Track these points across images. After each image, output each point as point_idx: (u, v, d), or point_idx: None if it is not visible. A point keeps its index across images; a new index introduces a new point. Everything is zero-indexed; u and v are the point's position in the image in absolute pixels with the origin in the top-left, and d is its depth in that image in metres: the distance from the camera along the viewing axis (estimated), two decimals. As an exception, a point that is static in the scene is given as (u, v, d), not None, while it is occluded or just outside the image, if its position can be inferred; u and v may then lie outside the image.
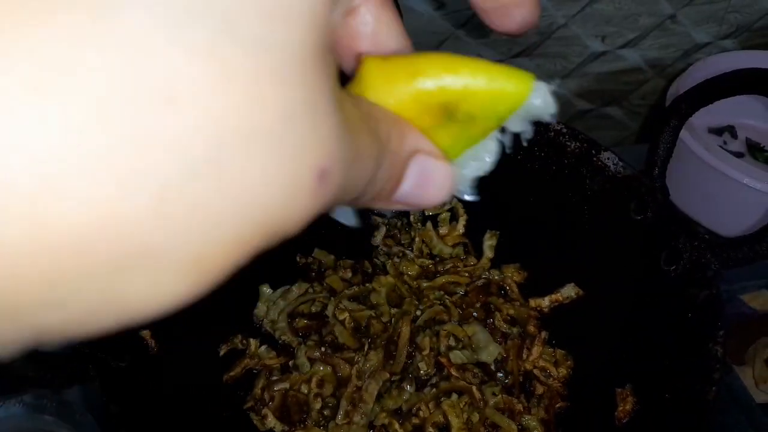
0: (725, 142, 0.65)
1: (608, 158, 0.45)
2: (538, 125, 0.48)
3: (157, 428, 0.36)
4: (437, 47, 0.77)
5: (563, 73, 0.82)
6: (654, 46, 0.80)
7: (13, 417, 0.44)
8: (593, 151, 0.46)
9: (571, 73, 0.82)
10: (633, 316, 0.41)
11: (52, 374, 0.30)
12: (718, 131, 0.66)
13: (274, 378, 0.44)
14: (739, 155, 0.62)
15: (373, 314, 0.46)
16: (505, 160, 0.50)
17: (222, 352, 0.45)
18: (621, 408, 0.37)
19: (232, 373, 0.44)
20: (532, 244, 0.50)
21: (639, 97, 0.86)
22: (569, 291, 0.47)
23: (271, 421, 0.42)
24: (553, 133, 0.48)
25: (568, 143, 0.47)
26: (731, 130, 0.66)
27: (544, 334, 0.45)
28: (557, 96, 0.17)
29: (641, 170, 0.43)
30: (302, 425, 0.41)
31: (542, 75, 0.65)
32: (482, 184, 0.52)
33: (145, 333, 0.39)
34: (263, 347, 0.46)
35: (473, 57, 0.16)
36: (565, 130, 0.47)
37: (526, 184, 0.49)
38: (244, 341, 0.46)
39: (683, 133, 0.43)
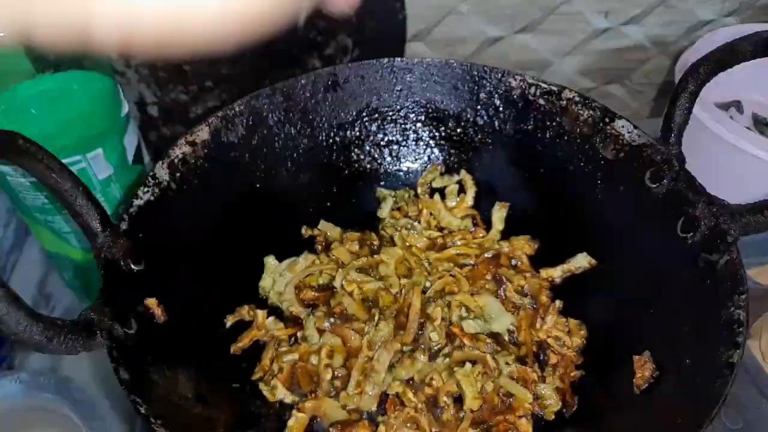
0: (731, 117, 0.64)
1: (623, 126, 0.44)
2: (549, 94, 0.47)
3: (165, 397, 0.34)
4: (439, 23, 0.75)
5: (565, 50, 0.81)
6: (657, 23, 0.79)
7: (10, 395, 0.43)
8: (607, 119, 0.45)
9: (573, 51, 0.81)
10: (649, 284, 0.41)
11: (59, 338, 0.29)
12: (724, 106, 0.65)
13: (283, 349, 0.43)
14: (745, 130, 0.62)
15: (382, 286, 0.45)
16: (516, 130, 0.49)
17: (229, 324, 0.44)
18: (639, 375, 0.37)
19: (239, 345, 0.43)
20: (543, 215, 0.49)
21: (642, 75, 0.85)
22: (581, 261, 0.46)
23: (281, 391, 0.41)
24: (565, 102, 0.47)
25: (581, 111, 0.46)
26: (738, 105, 0.65)
27: (558, 303, 0.44)
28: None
29: (656, 138, 0.43)
30: (313, 395, 0.41)
31: (545, 52, 0.64)
32: (494, 154, 0.51)
33: (152, 301, 0.38)
34: (270, 318, 0.45)
35: None
36: (578, 98, 0.46)
37: (538, 154, 0.49)
38: (251, 312, 0.45)
39: (695, 107, 0.43)
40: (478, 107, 0.50)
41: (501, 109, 0.50)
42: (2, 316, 0.27)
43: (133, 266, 0.38)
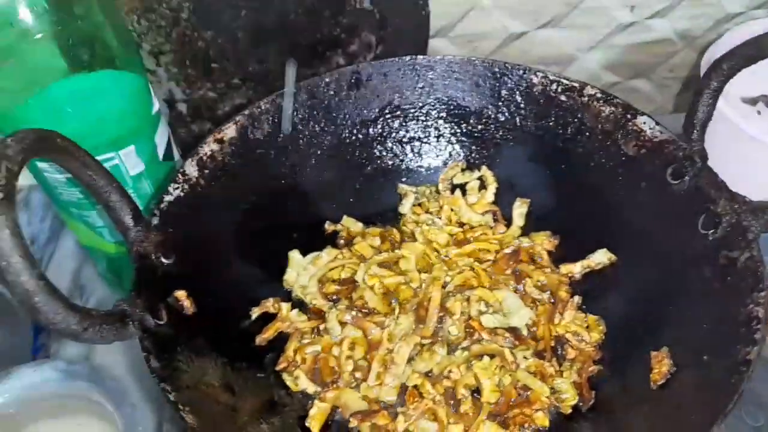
0: (759, 112, 0.63)
1: (644, 122, 0.45)
2: (571, 90, 0.47)
3: (192, 386, 0.36)
4: (461, 18, 0.76)
5: (590, 44, 0.80)
6: (684, 17, 0.78)
7: (48, 382, 0.46)
8: (629, 116, 0.45)
9: (598, 45, 0.81)
10: (669, 281, 0.41)
11: (94, 328, 0.31)
12: (752, 101, 0.64)
13: (306, 341, 0.44)
14: (773, 125, 0.61)
15: (403, 280, 0.46)
16: (538, 126, 0.50)
17: (254, 316, 0.46)
18: (656, 370, 0.37)
19: (264, 336, 0.45)
20: (563, 211, 0.50)
21: (668, 69, 0.84)
22: (601, 257, 0.46)
23: (304, 381, 0.42)
24: (587, 98, 0.47)
25: (603, 108, 0.46)
26: (766, 100, 0.64)
27: (576, 298, 0.45)
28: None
29: (678, 134, 0.43)
30: (334, 386, 0.42)
31: (568, 47, 0.64)
32: (515, 151, 0.51)
33: (181, 294, 0.39)
34: (294, 311, 0.46)
35: None
36: (599, 95, 0.46)
37: (559, 150, 0.49)
38: (276, 305, 0.46)
39: (719, 102, 0.42)
40: (500, 104, 0.51)
41: (522, 105, 0.50)
42: (41, 306, 0.28)
43: (163, 260, 0.39)
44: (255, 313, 0.46)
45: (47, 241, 0.66)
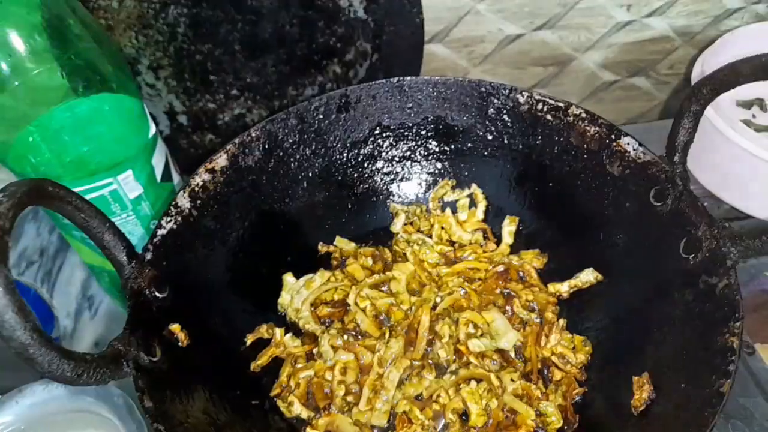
0: (754, 116, 0.63)
1: (628, 143, 0.45)
2: (557, 110, 0.48)
3: (190, 416, 0.37)
4: (457, 23, 0.75)
5: (587, 44, 0.80)
6: (682, 14, 0.77)
7: (56, 398, 0.47)
8: (613, 136, 0.45)
9: (595, 45, 0.80)
10: (652, 303, 0.41)
11: (89, 373, 0.32)
12: (746, 104, 0.64)
13: (299, 366, 0.45)
14: (769, 129, 0.61)
15: (394, 302, 0.47)
16: (525, 144, 0.50)
17: (249, 342, 0.47)
18: (637, 396, 0.38)
19: (259, 362, 0.46)
20: (551, 229, 0.50)
21: (667, 66, 0.84)
22: (588, 276, 0.47)
23: (298, 407, 0.43)
24: (572, 117, 0.47)
25: (588, 128, 0.47)
26: (761, 103, 0.64)
27: (562, 322, 0.45)
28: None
29: (661, 156, 0.43)
30: (327, 412, 0.43)
31: (566, 47, 0.64)
32: (503, 169, 0.52)
33: (175, 327, 0.41)
34: (288, 336, 0.47)
35: None
36: (584, 115, 0.47)
37: (545, 169, 0.49)
38: (270, 330, 0.47)
39: (708, 109, 0.42)
40: (487, 123, 0.51)
41: (509, 124, 0.50)
42: (36, 358, 0.30)
43: (157, 294, 0.40)
44: (249, 339, 0.47)
45: (56, 252, 0.68)
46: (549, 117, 0.48)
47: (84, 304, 0.63)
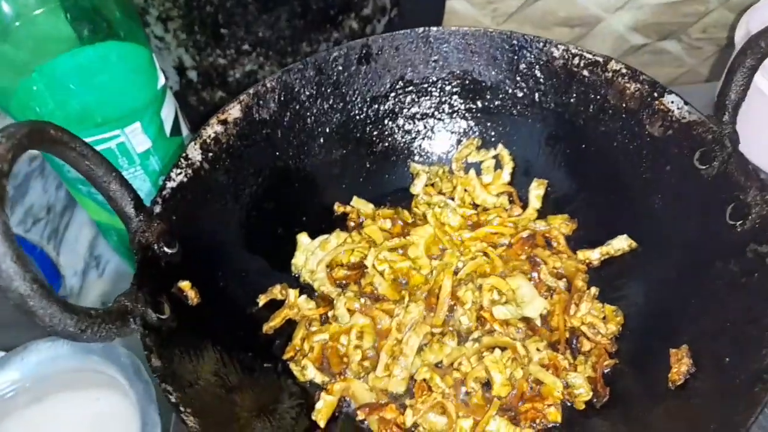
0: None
1: (672, 101, 0.42)
2: (594, 65, 0.44)
3: (200, 378, 0.36)
4: (482, -22, 0.72)
5: (617, 5, 0.76)
6: (721, -27, 0.73)
7: (62, 357, 0.46)
8: (656, 94, 0.42)
9: (626, 5, 0.76)
10: (692, 273, 0.39)
11: (93, 329, 0.30)
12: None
13: (314, 329, 0.43)
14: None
15: (413, 266, 0.45)
16: (557, 103, 0.47)
17: (261, 303, 0.45)
18: (675, 370, 0.36)
19: (271, 324, 0.44)
20: (582, 194, 0.47)
21: (700, 30, 0.80)
22: (621, 243, 0.44)
23: (312, 372, 0.41)
24: (611, 74, 0.44)
25: (628, 84, 0.43)
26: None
27: (594, 290, 0.43)
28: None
29: (708, 115, 0.40)
30: (342, 377, 0.41)
31: (595, 7, 0.60)
32: (533, 129, 0.49)
33: (185, 284, 0.38)
34: (302, 297, 0.45)
35: None
36: (624, 71, 0.43)
37: (579, 129, 0.46)
38: (284, 291, 0.45)
39: (756, 74, 0.39)
40: (518, 78, 0.48)
41: (542, 80, 0.47)
42: (37, 310, 0.28)
43: (166, 249, 0.38)
44: (262, 300, 0.45)
45: (63, 209, 0.66)
46: (585, 73, 0.45)
47: (91, 263, 0.62)
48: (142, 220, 0.37)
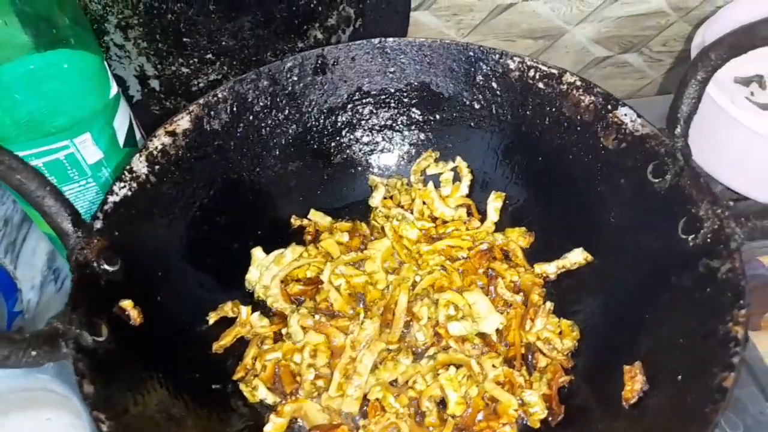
0: (753, 93, 0.60)
1: (625, 114, 0.41)
2: (550, 77, 0.44)
3: (138, 404, 0.34)
4: (445, -11, 0.71)
5: (580, 17, 0.76)
6: (679, -13, 0.74)
7: (12, 376, 0.44)
8: (609, 107, 0.42)
9: (589, 18, 0.77)
10: (646, 287, 0.39)
11: (18, 355, 0.28)
12: (745, 81, 0.61)
13: (266, 347, 0.42)
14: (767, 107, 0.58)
15: (370, 281, 0.44)
16: (513, 115, 0.47)
17: (211, 321, 0.44)
18: (629, 387, 0.35)
19: (222, 343, 0.42)
20: (539, 207, 0.47)
21: (660, 43, 0.81)
22: (577, 256, 0.44)
23: (263, 392, 0.40)
24: (565, 86, 0.44)
25: (582, 97, 0.43)
26: (760, 80, 0.61)
27: (549, 305, 0.42)
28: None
29: (661, 128, 0.40)
30: (294, 397, 0.40)
31: (558, 19, 0.60)
32: (490, 141, 0.49)
33: (127, 303, 0.37)
34: (255, 315, 0.44)
35: None
36: (579, 83, 0.43)
37: (535, 141, 0.46)
38: (235, 309, 0.44)
39: (709, 84, 0.39)
40: (475, 90, 0.48)
41: (498, 92, 0.47)
42: (-45, 335, 0.26)
43: (107, 267, 0.36)
44: (212, 317, 0.43)
45: (21, 222, 0.64)
46: (541, 85, 0.45)
47: (49, 277, 0.59)
48: (80, 237, 0.35)
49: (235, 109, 0.45)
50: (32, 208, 0.35)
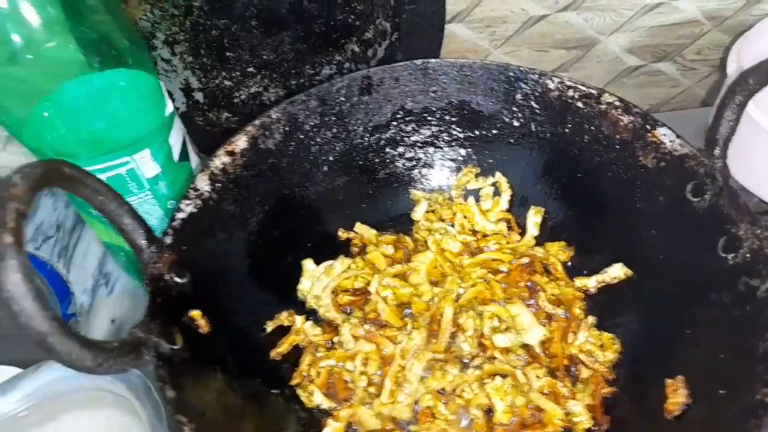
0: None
1: (664, 134, 0.43)
2: (588, 97, 0.46)
3: (211, 408, 0.37)
4: (479, 3, 0.73)
5: (613, 27, 0.77)
6: (713, -3, 0.75)
7: (75, 376, 0.47)
8: (648, 126, 0.44)
9: (622, 27, 0.78)
10: (686, 303, 0.40)
11: (109, 362, 0.31)
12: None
13: (320, 355, 0.45)
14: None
15: (415, 292, 0.46)
16: (553, 133, 0.48)
17: (269, 329, 0.46)
18: (672, 400, 0.37)
19: (279, 350, 0.45)
20: (577, 222, 0.49)
21: (694, 52, 0.81)
22: (617, 271, 0.45)
23: (319, 397, 0.43)
24: (604, 106, 0.45)
25: (621, 116, 0.45)
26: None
27: (591, 319, 0.44)
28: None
29: (700, 149, 0.41)
30: (348, 403, 0.42)
31: (591, 30, 0.61)
32: (529, 157, 0.50)
33: (196, 313, 0.39)
34: (308, 323, 0.46)
35: None
36: (618, 103, 0.45)
37: (574, 159, 0.48)
38: (290, 318, 0.46)
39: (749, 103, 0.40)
40: (514, 109, 0.49)
41: (538, 111, 0.49)
42: (56, 347, 0.29)
43: (177, 279, 0.39)
44: (270, 326, 0.46)
45: (73, 227, 0.66)
46: (580, 104, 0.46)
47: (101, 281, 0.62)
48: (153, 252, 0.38)
49: (287, 128, 0.48)
50: (111, 225, 0.38)
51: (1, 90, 0.41)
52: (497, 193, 0.52)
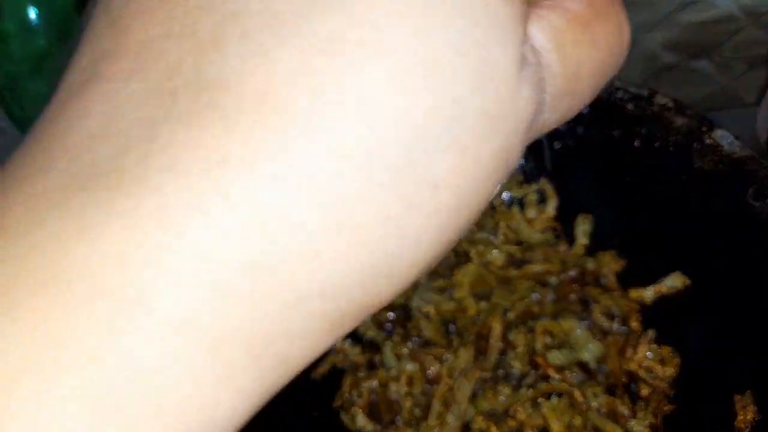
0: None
1: (721, 136, 0.41)
2: (639, 99, 0.43)
3: (248, 427, 0.35)
4: None
5: (650, 23, 0.75)
6: (752, -9, 0.72)
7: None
8: (704, 128, 0.41)
9: (658, 24, 0.75)
10: (749, 315, 0.38)
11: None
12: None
13: (362, 375, 0.43)
14: None
15: (459, 307, 0.44)
16: (601, 135, 0.46)
17: (308, 349, 0.44)
18: (741, 417, 0.34)
19: (319, 370, 0.43)
20: (630, 229, 0.46)
21: (731, 48, 0.78)
22: (675, 281, 0.43)
23: (361, 420, 0.41)
24: (656, 108, 0.43)
25: (675, 119, 0.43)
26: None
27: (651, 333, 0.42)
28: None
29: (760, 150, 0.39)
30: (393, 425, 0.41)
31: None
32: (576, 162, 0.48)
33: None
34: (347, 342, 0.45)
35: None
36: (671, 105, 0.43)
37: (626, 162, 0.45)
38: (330, 337, 0.45)
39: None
40: (559, 112, 0.47)
41: (584, 113, 0.46)
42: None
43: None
44: (309, 346, 0.44)
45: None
46: (630, 107, 0.44)
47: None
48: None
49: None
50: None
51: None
52: (542, 200, 0.50)
